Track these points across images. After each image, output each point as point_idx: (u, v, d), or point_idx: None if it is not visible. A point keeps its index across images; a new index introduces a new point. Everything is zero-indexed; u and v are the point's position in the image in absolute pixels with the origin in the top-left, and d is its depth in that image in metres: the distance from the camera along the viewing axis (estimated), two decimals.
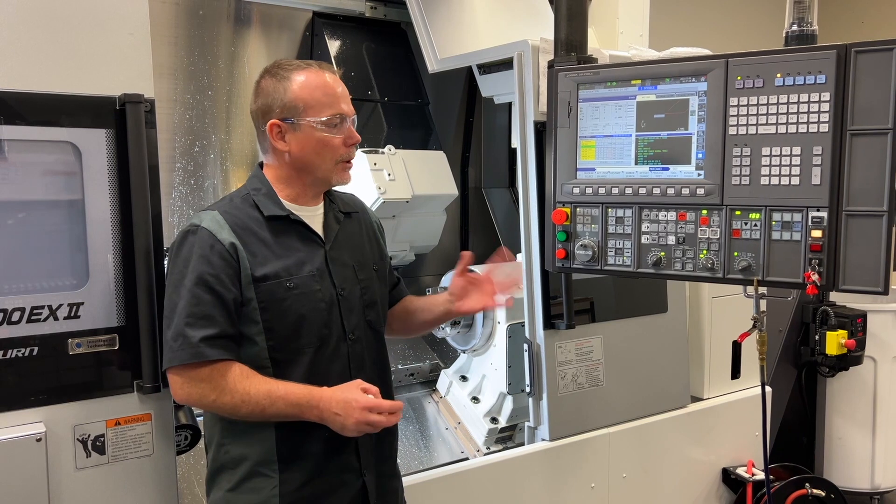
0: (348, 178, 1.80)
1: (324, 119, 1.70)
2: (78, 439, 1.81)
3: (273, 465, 1.69)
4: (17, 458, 1.71)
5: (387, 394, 1.85)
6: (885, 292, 1.74)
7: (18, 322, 1.74)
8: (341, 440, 1.70)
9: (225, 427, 1.73)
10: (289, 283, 1.68)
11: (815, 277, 1.77)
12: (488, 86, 2.82)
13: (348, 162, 1.77)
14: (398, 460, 1.96)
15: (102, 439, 1.83)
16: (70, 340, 1.80)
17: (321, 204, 1.83)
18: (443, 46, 2.77)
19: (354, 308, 1.77)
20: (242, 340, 1.68)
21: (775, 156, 1.81)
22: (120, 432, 1.85)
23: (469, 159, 3.49)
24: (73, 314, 1.79)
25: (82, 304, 1.81)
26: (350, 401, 1.60)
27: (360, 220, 1.93)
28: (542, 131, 2.32)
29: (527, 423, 2.55)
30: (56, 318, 1.78)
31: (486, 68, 2.77)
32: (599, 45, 3.12)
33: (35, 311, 1.76)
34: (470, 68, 2.88)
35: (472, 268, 2.80)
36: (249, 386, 1.61)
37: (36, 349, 1.76)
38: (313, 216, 1.79)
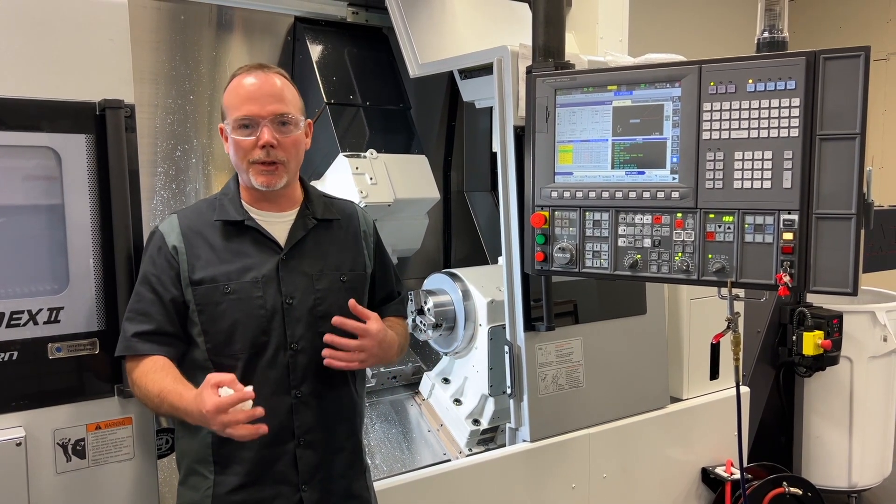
0: (266, 181, 1.71)
1: (232, 121, 1.71)
2: (58, 443, 1.81)
3: (209, 465, 1.72)
4: None
5: (343, 405, 1.80)
6: (854, 293, 1.78)
7: None
8: (277, 449, 1.71)
9: (177, 421, 1.79)
10: (226, 287, 1.69)
11: (786, 279, 1.80)
12: (469, 90, 2.84)
13: (264, 164, 1.70)
14: (369, 475, 1.90)
15: (83, 443, 1.84)
16: (50, 345, 1.80)
17: (294, 210, 1.81)
18: (424, 51, 2.79)
19: (302, 318, 1.72)
20: (190, 342, 1.73)
21: (747, 160, 1.85)
22: (100, 436, 1.86)
23: (451, 163, 3.51)
24: (53, 319, 1.80)
25: (62, 308, 1.81)
26: (202, 409, 1.51)
27: (343, 227, 1.87)
28: (522, 136, 2.34)
29: (508, 425, 2.57)
30: (36, 323, 1.78)
31: (467, 73, 2.80)
32: (580, 50, 3.16)
33: (15, 316, 1.76)
34: (451, 73, 2.90)
35: (455, 270, 2.84)
36: (148, 382, 1.66)
37: (16, 354, 1.76)
38: (278, 222, 1.78)
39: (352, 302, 1.72)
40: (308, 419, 1.73)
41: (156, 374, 1.66)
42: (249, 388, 1.53)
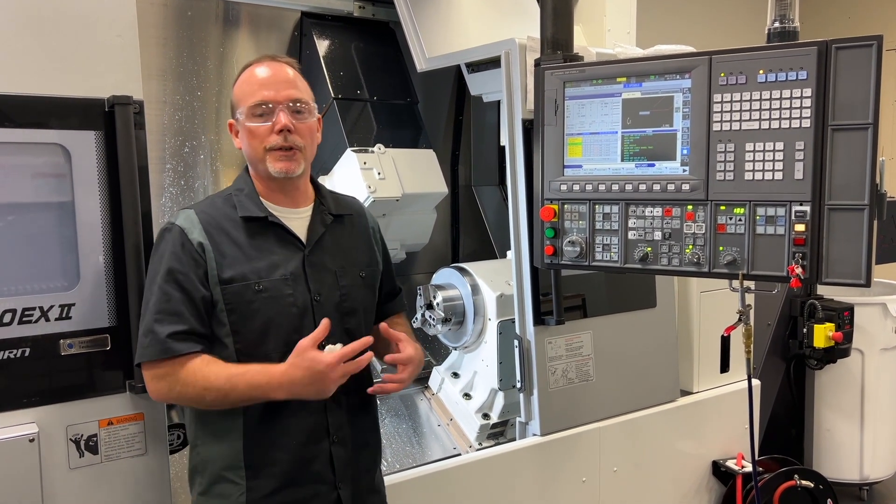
0: (285, 167, 1.68)
1: (246, 108, 1.68)
2: (71, 439, 1.82)
3: (240, 470, 1.66)
4: (10, 459, 1.72)
5: (367, 400, 1.81)
6: (868, 284, 1.77)
7: (10, 324, 1.75)
8: (313, 448, 1.69)
9: (198, 427, 1.72)
10: (257, 286, 1.65)
11: (798, 271, 1.79)
12: (477, 84, 2.84)
13: (282, 150, 1.67)
14: (382, 469, 1.91)
15: (95, 439, 1.84)
16: (62, 341, 1.81)
17: (309, 206, 1.79)
18: (431, 45, 2.78)
19: (330, 315, 1.69)
20: (214, 342, 1.67)
21: (759, 151, 1.83)
22: (112, 432, 1.87)
23: (459, 157, 3.50)
24: (64, 315, 1.81)
25: (73, 304, 1.82)
26: (314, 367, 1.55)
27: (354, 223, 1.87)
28: (530, 129, 2.34)
29: (518, 419, 2.57)
30: (47, 319, 1.79)
31: (475, 67, 2.79)
32: (587, 42, 3.14)
33: (26, 313, 1.77)
34: (459, 67, 2.90)
35: (463, 265, 2.83)
36: (209, 372, 1.60)
37: (28, 350, 1.77)
38: (297, 218, 1.76)
39: (383, 326, 1.75)
40: (340, 416, 1.72)
41: (212, 365, 1.61)
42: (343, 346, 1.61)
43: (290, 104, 1.69)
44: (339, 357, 1.56)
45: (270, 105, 1.67)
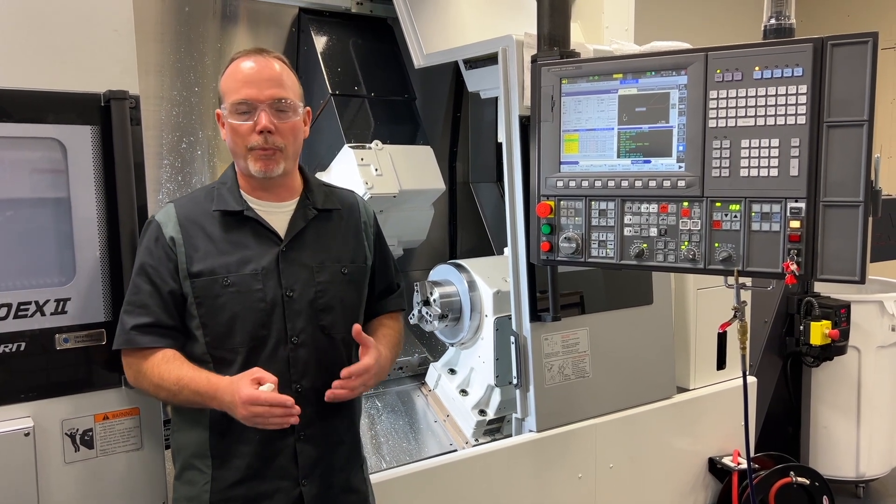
0: (264, 167, 1.67)
1: (230, 105, 1.68)
2: (66, 434, 1.82)
3: (206, 460, 1.70)
4: (6, 453, 1.73)
5: (342, 402, 1.75)
6: (862, 281, 1.77)
7: (5, 318, 1.75)
8: (277, 444, 1.69)
9: (174, 413, 1.78)
10: (225, 280, 1.66)
11: (793, 267, 1.79)
12: (474, 80, 2.84)
13: (264, 150, 1.67)
14: (366, 468, 1.89)
15: (91, 433, 1.85)
16: (57, 336, 1.81)
17: (294, 199, 1.77)
18: (429, 42, 2.78)
19: (302, 311, 1.70)
20: (188, 335, 1.71)
21: (754, 148, 1.83)
22: (108, 426, 1.87)
23: (456, 154, 3.51)
24: (59, 310, 1.81)
25: (69, 299, 1.82)
26: (234, 393, 1.56)
27: (343, 217, 1.83)
28: (528, 125, 2.33)
29: (514, 415, 2.57)
30: (43, 314, 1.79)
31: (472, 63, 2.79)
32: (585, 39, 3.14)
33: (22, 307, 1.77)
34: (456, 63, 2.90)
35: (460, 261, 2.84)
36: (163, 371, 1.64)
37: (23, 345, 1.77)
38: (278, 212, 1.74)
39: (356, 328, 1.70)
40: (309, 413, 1.70)
41: (169, 363, 1.65)
42: (290, 399, 1.57)
43: (274, 102, 1.67)
44: (251, 398, 1.54)
45: (253, 103, 1.66)
